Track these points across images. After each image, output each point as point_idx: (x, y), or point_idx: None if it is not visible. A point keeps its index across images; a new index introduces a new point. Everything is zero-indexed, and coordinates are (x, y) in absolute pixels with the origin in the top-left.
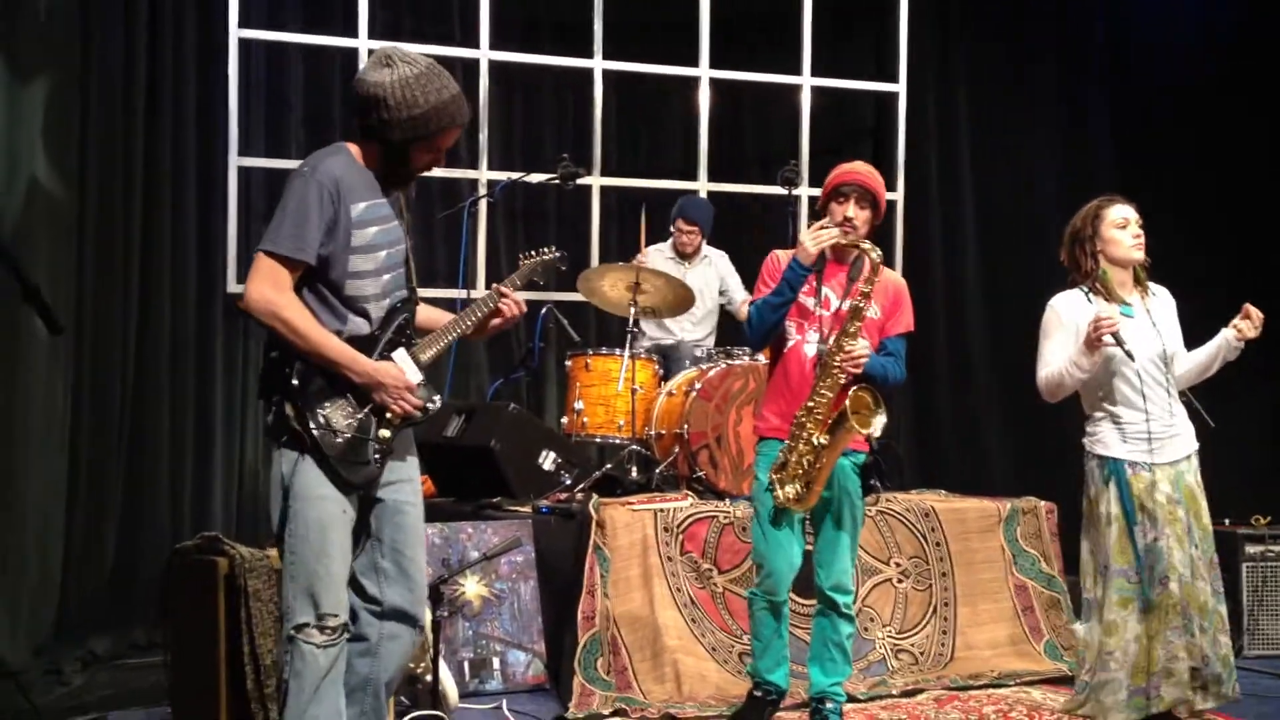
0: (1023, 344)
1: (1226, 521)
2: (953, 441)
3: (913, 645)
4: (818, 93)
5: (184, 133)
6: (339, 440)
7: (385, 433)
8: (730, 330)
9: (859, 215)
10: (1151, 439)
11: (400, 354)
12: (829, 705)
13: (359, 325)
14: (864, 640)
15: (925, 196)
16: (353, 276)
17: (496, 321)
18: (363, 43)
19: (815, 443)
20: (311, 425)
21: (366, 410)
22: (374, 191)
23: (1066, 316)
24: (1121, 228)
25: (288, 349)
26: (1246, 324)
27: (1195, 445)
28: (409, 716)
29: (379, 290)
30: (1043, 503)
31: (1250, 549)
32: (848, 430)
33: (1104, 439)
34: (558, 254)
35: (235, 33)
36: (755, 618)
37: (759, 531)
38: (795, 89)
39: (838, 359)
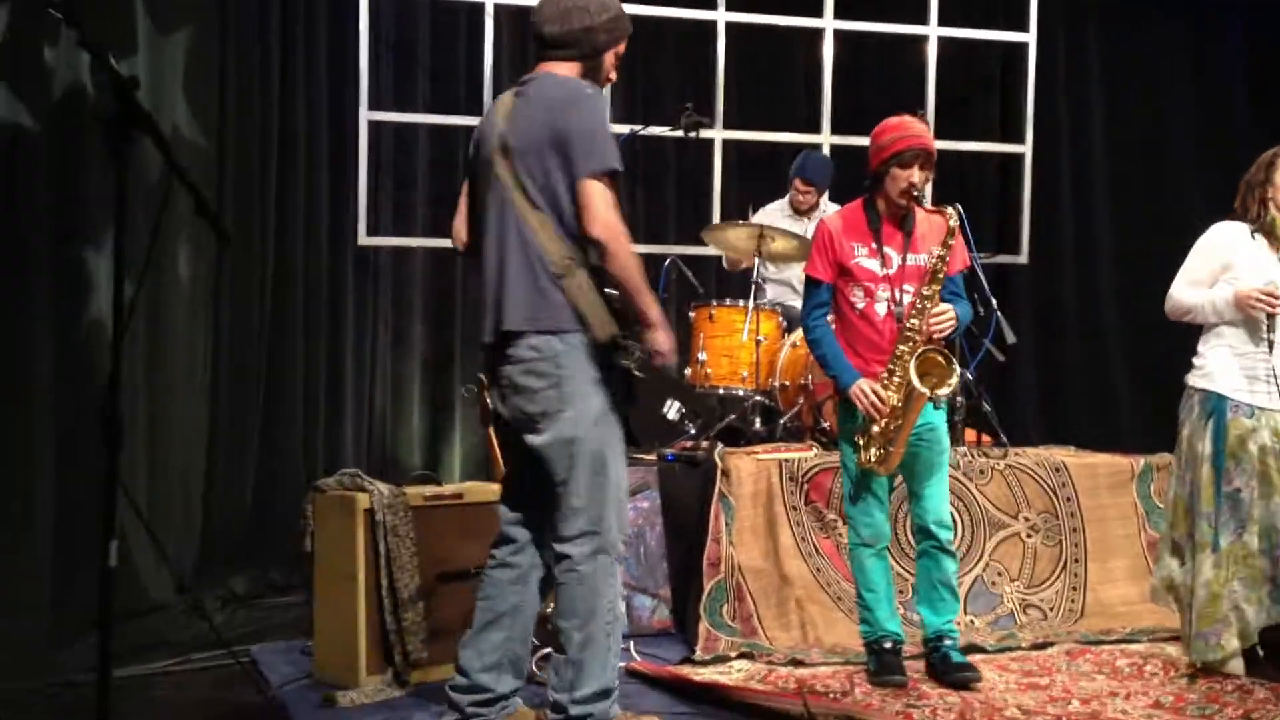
0: (1155, 299)
1: None
2: (1082, 398)
3: (1041, 600)
4: (944, 43)
5: (316, 87)
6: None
7: (629, 364)
8: None
9: (921, 179)
10: (1261, 380)
11: None
12: (947, 642)
13: None
14: (991, 594)
15: (1055, 149)
16: None
17: None
18: None
19: (893, 404)
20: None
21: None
22: None
23: (1222, 247)
24: None
25: (582, 285)
26: None
27: None
28: (539, 653)
29: None
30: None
31: None
32: (918, 393)
33: (1212, 373)
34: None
35: None
36: (864, 568)
37: (849, 491)
38: (922, 39)
39: (919, 322)
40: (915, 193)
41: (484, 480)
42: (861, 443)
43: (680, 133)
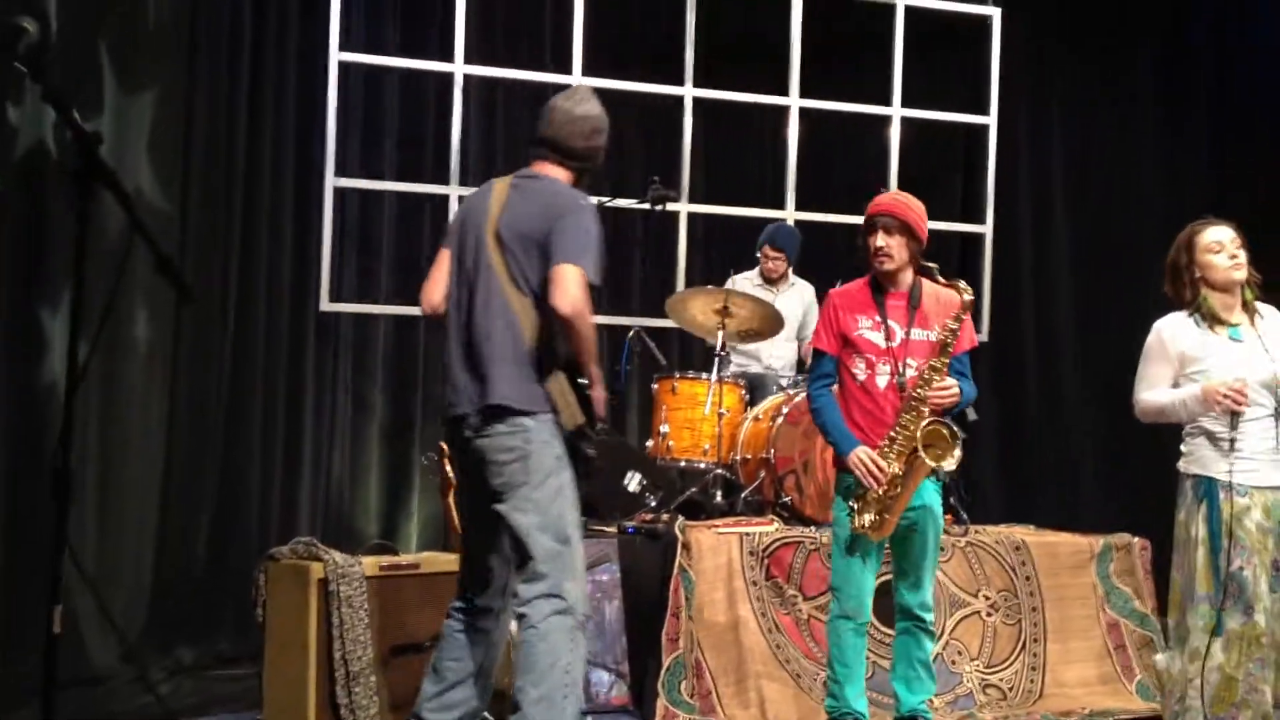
0: (1117, 379)
1: None
2: (1044, 476)
3: (1001, 680)
4: (908, 124)
5: (283, 151)
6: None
7: (592, 451)
8: None
9: (889, 243)
10: (1249, 459)
11: None
12: None
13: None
14: (951, 673)
15: (1016, 230)
16: None
17: None
18: (458, 68)
19: (892, 473)
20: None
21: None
22: None
23: (1171, 345)
24: (1216, 252)
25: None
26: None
27: None
28: None
29: None
30: (1136, 539)
31: None
32: (921, 464)
33: (1199, 458)
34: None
35: (335, 56)
36: (841, 643)
37: (839, 557)
38: (885, 119)
39: (924, 393)
40: (890, 254)
41: (442, 550)
42: (856, 507)
43: (647, 205)
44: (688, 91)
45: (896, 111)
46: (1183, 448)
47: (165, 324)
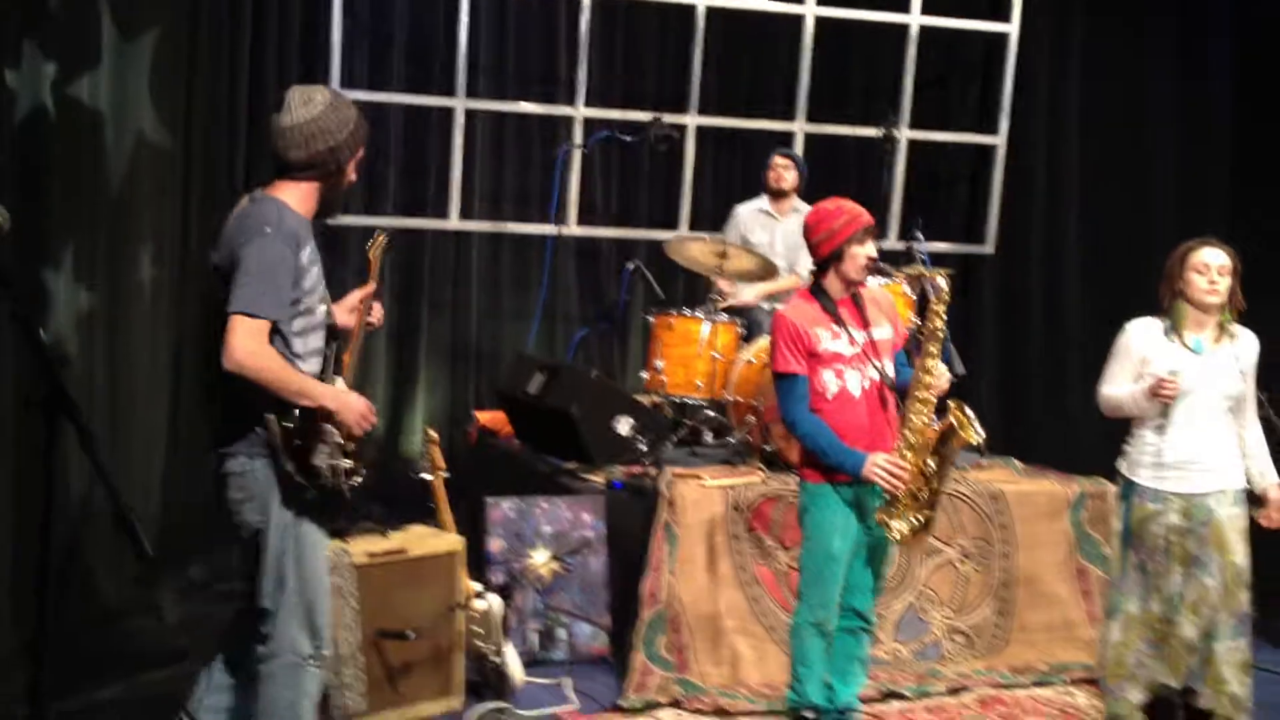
0: (1122, 300)
1: None
2: (1042, 397)
3: (969, 628)
4: (925, 31)
5: (288, 78)
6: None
7: (311, 496)
8: None
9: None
10: (1170, 467)
11: (340, 383)
12: (854, 716)
13: (312, 366)
14: (920, 622)
15: (1029, 142)
16: (304, 314)
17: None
18: None
19: (926, 469)
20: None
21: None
22: (311, 234)
23: (1135, 345)
24: (1200, 273)
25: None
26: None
27: (1238, 484)
28: (473, 712)
29: (318, 324)
30: (1112, 486)
31: None
32: (956, 447)
33: (1130, 458)
34: (385, 240)
35: None
36: (807, 645)
37: (813, 567)
38: (902, 27)
39: (930, 380)
40: (873, 264)
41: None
42: (887, 517)
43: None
44: (700, 0)
45: (915, 19)
46: (1124, 446)
47: (170, 263)
